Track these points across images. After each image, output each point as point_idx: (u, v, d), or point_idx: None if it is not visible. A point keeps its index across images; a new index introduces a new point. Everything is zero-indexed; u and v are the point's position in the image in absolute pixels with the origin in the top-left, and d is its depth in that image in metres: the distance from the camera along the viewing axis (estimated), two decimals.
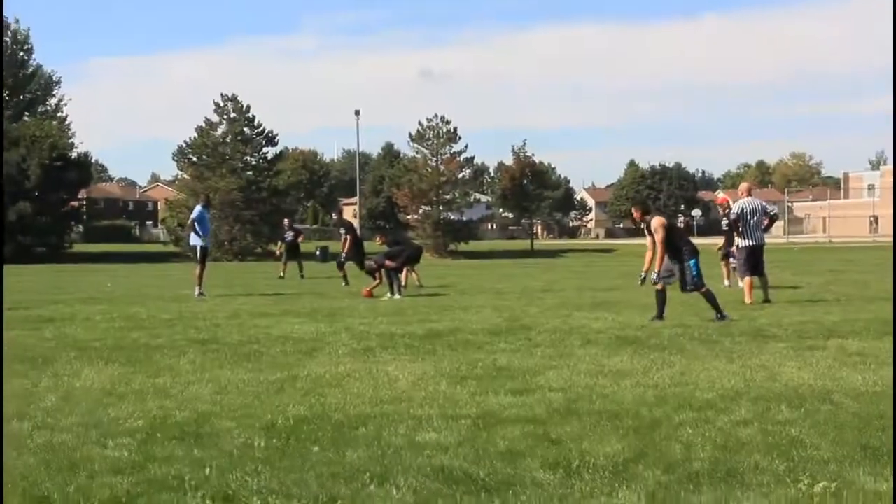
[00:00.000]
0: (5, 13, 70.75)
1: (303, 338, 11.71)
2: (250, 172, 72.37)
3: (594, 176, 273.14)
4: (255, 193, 70.87)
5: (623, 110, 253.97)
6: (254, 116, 72.84)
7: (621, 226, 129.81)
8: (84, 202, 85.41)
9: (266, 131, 73.36)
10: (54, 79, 74.51)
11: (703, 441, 5.74)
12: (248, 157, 73.03)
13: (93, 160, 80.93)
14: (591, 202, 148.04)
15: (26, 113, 70.46)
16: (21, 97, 71.90)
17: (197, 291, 19.78)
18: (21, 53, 71.97)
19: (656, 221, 13.27)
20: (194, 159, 72.14)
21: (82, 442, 5.87)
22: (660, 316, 13.00)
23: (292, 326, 13.10)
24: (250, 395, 7.63)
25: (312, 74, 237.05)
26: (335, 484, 4.82)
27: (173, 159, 73.81)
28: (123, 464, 5.28)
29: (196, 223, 20.55)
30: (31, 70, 72.66)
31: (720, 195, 65.96)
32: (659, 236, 13.10)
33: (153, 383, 8.20)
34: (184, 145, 72.48)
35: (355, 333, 12.09)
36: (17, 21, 71.50)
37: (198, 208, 21.17)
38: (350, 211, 73.02)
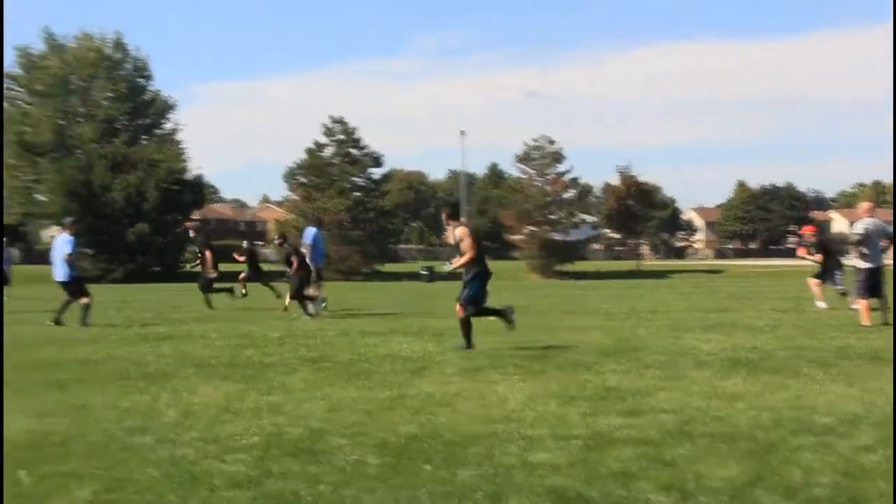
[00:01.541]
0: (127, 43, 72.99)
1: (411, 356, 11.76)
2: (358, 193, 73.33)
3: (700, 195, 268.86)
4: (363, 214, 71.75)
5: (731, 127, 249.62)
6: (360, 138, 73.85)
7: (731, 246, 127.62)
8: (198, 223, 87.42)
9: (372, 153, 74.28)
10: (170, 104, 76.64)
11: (823, 466, 5.58)
12: (356, 178, 74.01)
13: (206, 182, 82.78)
14: (698, 222, 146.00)
15: (144, 137, 72.56)
16: (139, 122, 74.10)
17: (311, 309, 19.94)
18: (140, 80, 74.21)
19: (461, 231, 12.88)
20: (303, 180, 73.44)
21: (202, 456, 5.98)
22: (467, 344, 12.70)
23: (400, 345, 13.18)
24: (361, 412, 7.68)
25: (418, 96, 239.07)
26: (448, 502, 4.82)
27: (284, 181, 75.25)
28: (241, 478, 5.37)
29: (312, 245, 21.00)
30: (149, 96, 74.85)
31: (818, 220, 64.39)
32: (465, 244, 12.76)
33: (267, 400, 8.32)
34: (294, 167, 73.83)
35: (463, 353, 12.09)
36: (136, 49, 73.76)
37: (312, 230, 21.53)
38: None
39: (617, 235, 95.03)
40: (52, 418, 7.39)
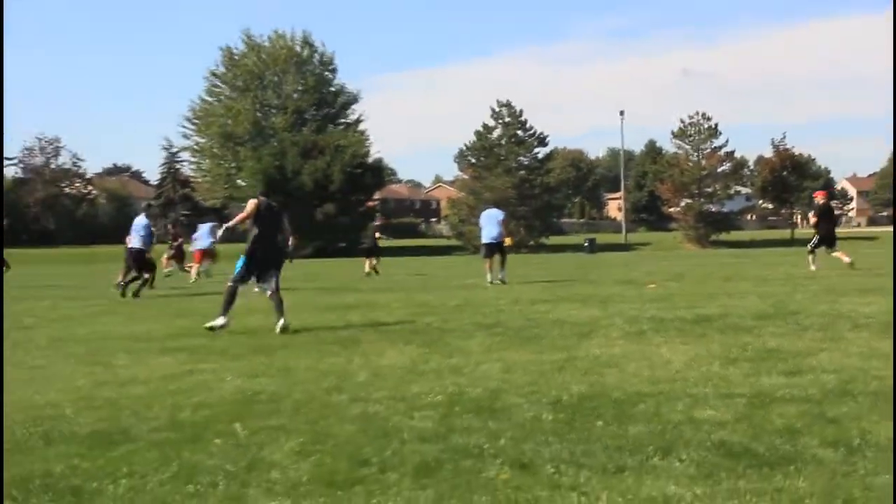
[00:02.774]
0: (314, 40, 74.74)
1: (578, 322, 11.69)
2: (523, 172, 73.26)
3: (854, 165, 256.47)
4: (528, 190, 71.65)
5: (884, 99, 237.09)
6: (526, 120, 73.74)
7: (885, 214, 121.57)
8: (378, 203, 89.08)
9: (537, 133, 74.05)
10: (353, 94, 78.30)
11: None
12: (521, 158, 73.97)
13: (385, 165, 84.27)
14: (852, 191, 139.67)
15: (330, 125, 74.42)
16: (326, 112, 76.06)
17: (490, 277, 20.65)
18: (326, 73, 76.13)
19: (250, 204, 12.05)
20: (473, 161, 73.88)
21: (392, 413, 6.10)
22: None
23: (568, 311, 13.12)
24: (534, 373, 7.69)
25: (580, 78, 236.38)
26: (621, 455, 4.78)
27: (455, 161, 75.99)
28: (429, 433, 5.46)
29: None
30: (334, 88, 76.69)
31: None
32: (242, 215, 12.15)
33: (447, 363, 8.42)
34: (464, 148, 74.36)
35: (627, 318, 11.95)
36: (322, 44, 75.70)
37: (497, 210, 22.32)
38: (615, 205, 72.41)
39: (771, 206, 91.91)
40: (261, 378, 7.68)
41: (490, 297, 16.52)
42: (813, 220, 22.80)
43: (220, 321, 11.30)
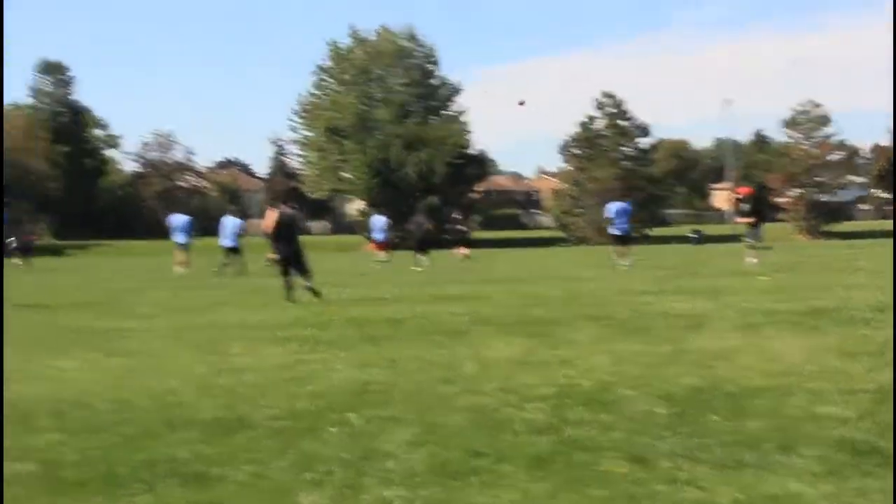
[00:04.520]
0: (418, 34, 75.21)
1: (687, 313, 11.49)
2: (627, 162, 72.45)
3: None
4: (632, 182, 70.77)
5: None
6: (629, 111, 72.86)
7: None
8: (481, 194, 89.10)
9: (641, 124, 73.13)
10: (456, 86, 78.49)
11: None
12: (625, 148, 73.16)
13: (487, 156, 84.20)
14: None
15: (433, 117, 74.78)
16: (429, 104, 76.46)
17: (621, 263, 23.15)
18: (429, 66, 76.53)
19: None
20: (577, 152, 73.36)
21: (502, 405, 6.09)
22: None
23: (676, 303, 12.91)
24: (644, 365, 7.59)
25: (684, 68, 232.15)
26: (739, 450, 4.67)
27: (559, 153, 75.51)
28: (541, 425, 5.42)
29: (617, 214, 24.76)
30: (437, 81, 77.04)
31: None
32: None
33: (556, 354, 8.36)
34: (567, 139, 73.87)
35: (738, 310, 11.69)
36: (426, 39, 76.03)
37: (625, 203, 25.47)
38: (723, 196, 71.07)
39: (887, 195, 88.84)
40: (371, 369, 7.76)
41: (595, 288, 16.38)
42: None
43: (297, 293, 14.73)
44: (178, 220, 27.59)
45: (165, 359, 8.69)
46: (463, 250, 28.83)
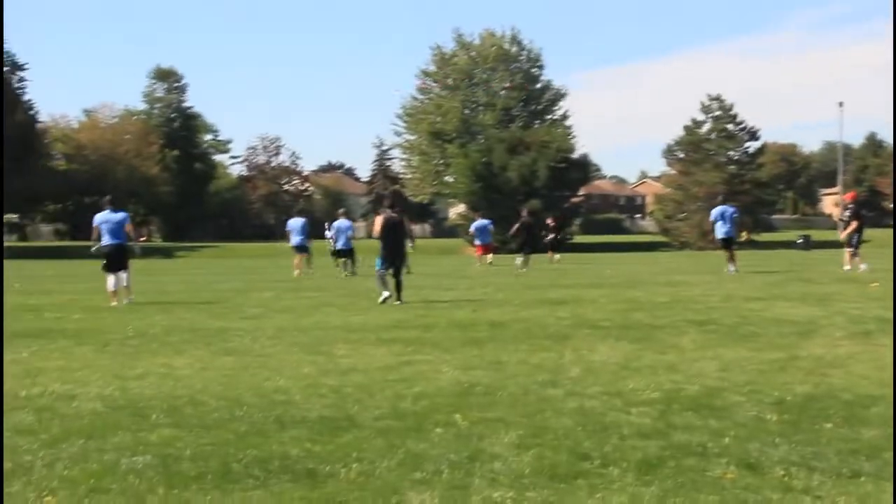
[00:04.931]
0: (523, 38, 75.10)
1: (796, 320, 11.22)
2: (733, 167, 70.97)
3: None
4: (738, 186, 69.29)
5: None
6: (737, 114, 71.41)
7: None
8: (583, 198, 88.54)
9: (748, 127, 71.59)
10: (560, 91, 78.21)
11: None
12: (731, 152, 71.69)
13: (590, 161, 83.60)
14: None
15: (537, 121, 74.62)
16: (533, 108, 76.35)
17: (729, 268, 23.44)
18: (533, 70, 76.44)
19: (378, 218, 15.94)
20: (681, 156, 72.19)
21: (608, 408, 6.05)
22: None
23: (784, 309, 12.62)
24: (753, 372, 7.45)
25: (794, 70, 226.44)
26: (856, 459, 4.55)
27: (663, 157, 74.37)
28: (648, 430, 5.37)
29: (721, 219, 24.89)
30: (540, 85, 76.87)
31: None
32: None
33: (661, 359, 8.26)
34: (672, 143, 72.75)
35: (850, 317, 11.37)
36: (530, 41, 76.03)
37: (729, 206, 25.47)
38: (832, 200, 69.10)
39: None
40: (476, 371, 7.78)
41: (700, 293, 16.10)
42: None
43: (385, 294, 15.07)
44: (294, 222, 27.88)
45: (273, 359, 8.86)
46: (554, 255, 28.91)
